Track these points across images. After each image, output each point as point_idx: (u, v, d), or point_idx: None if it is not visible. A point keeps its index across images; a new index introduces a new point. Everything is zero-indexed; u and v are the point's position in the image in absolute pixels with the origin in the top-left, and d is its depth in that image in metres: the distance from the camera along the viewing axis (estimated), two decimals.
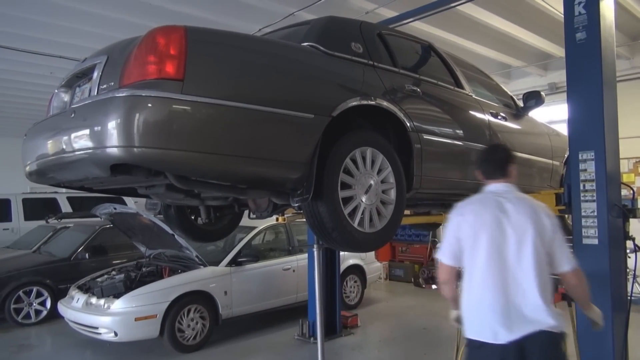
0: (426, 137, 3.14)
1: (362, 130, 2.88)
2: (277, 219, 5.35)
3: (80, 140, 2.26)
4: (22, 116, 10.88)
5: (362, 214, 2.76)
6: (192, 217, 3.96)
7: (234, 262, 6.21)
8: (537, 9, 6.10)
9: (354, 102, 2.72)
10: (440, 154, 3.29)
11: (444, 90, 3.54)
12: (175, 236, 5.70)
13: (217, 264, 6.11)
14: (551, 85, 8.51)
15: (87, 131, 2.21)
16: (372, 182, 2.82)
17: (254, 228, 6.70)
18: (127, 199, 10.46)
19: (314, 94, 2.60)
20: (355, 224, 2.71)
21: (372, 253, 8.00)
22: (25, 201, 10.55)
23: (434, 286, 3.26)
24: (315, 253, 3.70)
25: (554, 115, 7.61)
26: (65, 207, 10.82)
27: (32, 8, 5.56)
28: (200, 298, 5.77)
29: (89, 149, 2.20)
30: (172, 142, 2.12)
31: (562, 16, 6.24)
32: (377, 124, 3.02)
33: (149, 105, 2.08)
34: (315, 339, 5.93)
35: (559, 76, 8.38)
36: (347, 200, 2.69)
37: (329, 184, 2.59)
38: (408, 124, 3.00)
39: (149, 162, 2.16)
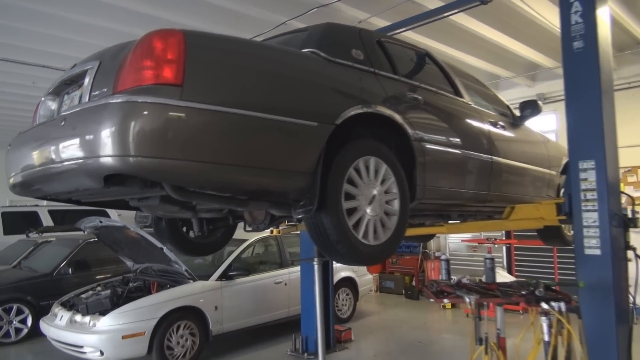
0: (429, 146, 3.06)
1: (365, 139, 2.78)
2: (271, 232, 5.26)
3: (71, 150, 2.12)
4: (1, 128, 10.60)
5: (367, 225, 2.66)
6: (184, 230, 3.83)
7: (224, 276, 6.04)
8: (528, 19, 6.13)
9: (357, 110, 2.62)
10: (442, 164, 3.21)
11: (444, 99, 3.47)
12: (164, 250, 5.54)
13: (206, 278, 5.94)
14: (539, 96, 8.57)
15: (78, 140, 2.07)
16: (375, 192, 2.72)
17: (244, 241, 6.55)
18: (110, 212, 10.25)
19: (317, 102, 2.51)
20: (360, 236, 2.61)
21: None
22: (5, 214, 10.26)
23: (445, 300, 3.14)
24: (316, 267, 3.58)
25: (542, 125, 7.65)
26: (47, 221, 10.55)
27: (14, 15, 5.39)
28: (190, 314, 5.59)
29: (81, 158, 2.06)
30: (170, 151, 1.99)
31: (552, 26, 6.35)
32: (378, 133, 2.93)
33: (146, 111, 1.96)
34: (310, 354, 5.81)
35: (547, 87, 8.46)
36: (350, 211, 2.59)
37: (333, 194, 2.49)
38: (411, 133, 2.92)
39: (145, 173, 2.03)
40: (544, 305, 2.84)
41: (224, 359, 5.85)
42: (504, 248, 8.51)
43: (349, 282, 7.56)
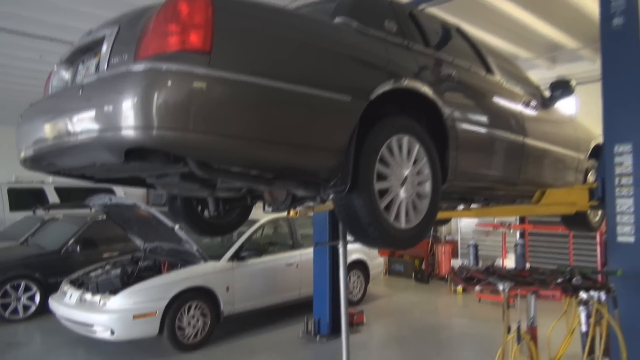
0: (462, 125, 2.90)
1: (399, 116, 2.62)
2: (287, 213, 5.13)
3: (89, 121, 1.96)
4: (7, 103, 10.42)
5: (399, 207, 2.51)
6: (199, 209, 3.70)
7: (235, 257, 5.94)
8: None
9: (392, 86, 2.46)
10: (475, 145, 3.06)
11: (477, 77, 3.30)
12: (175, 229, 5.42)
13: (217, 258, 5.83)
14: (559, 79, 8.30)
15: (97, 110, 1.91)
16: (407, 173, 2.57)
17: (255, 222, 6.42)
18: (117, 190, 10.14)
19: (350, 75, 2.34)
20: (391, 219, 2.47)
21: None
22: (11, 191, 10.19)
23: (477, 287, 2.99)
24: (341, 250, 3.45)
25: (560, 108, 7.42)
26: (53, 198, 10.49)
27: None
28: (201, 294, 5.49)
29: (100, 131, 1.91)
30: (196, 124, 1.83)
31: (579, 3, 6.09)
32: (409, 110, 2.76)
33: (171, 80, 1.80)
34: (322, 336, 5.73)
35: (568, 69, 8.21)
36: (382, 192, 2.45)
37: (365, 174, 2.34)
38: (445, 111, 2.76)
39: (169, 146, 1.88)
40: (583, 295, 2.70)
41: (236, 340, 5.77)
42: (517, 233, 8.37)
43: (360, 265, 7.46)
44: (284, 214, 6.85)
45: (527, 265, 6.58)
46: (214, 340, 5.60)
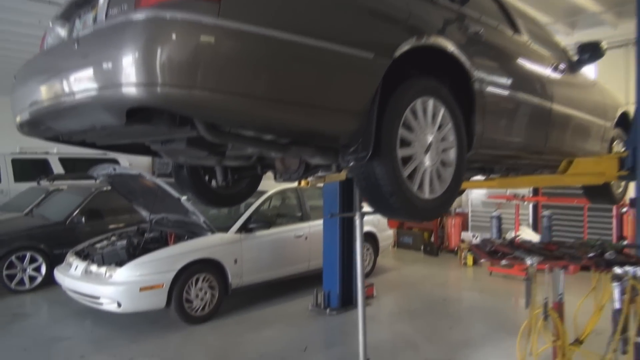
0: (489, 88, 2.69)
1: (424, 77, 2.40)
2: (299, 183, 4.96)
3: (87, 79, 1.76)
4: (7, 72, 10.19)
5: (423, 176, 2.33)
6: (207, 179, 3.53)
7: (243, 229, 5.80)
8: None
9: (417, 43, 2.24)
10: (503, 109, 2.86)
11: (505, 37, 3.06)
12: (182, 200, 5.28)
13: (225, 230, 5.70)
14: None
15: (95, 66, 1.72)
16: (432, 139, 2.38)
17: (263, 193, 6.27)
18: (122, 161, 10.00)
19: (373, 30, 2.12)
20: (415, 189, 2.29)
21: (385, 220, 7.63)
22: (15, 162, 10.06)
23: (503, 262, 2.83)
24: (358, 221, 3.30)
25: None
26: (57, 169, 10.35)
27: None
28: (209, 266, 5.38)
29: (99, 89, 1.72)
30: (204, 80, 1.63)
31: None
32: (433, 72, 2.54)
33: (177, 30, 1.59)
34: (332, 309, 5.65)
35: (588, 35, 7.84)
36: (405, 160, 2.26)
37: (387, 140, 2.15)
38: (472, 73, 2.54)
39: (175, 106, 1.68)
40: (617, 270, 2.54)
41: (244, 312, 5.69)
42: (530, 205, 8.19)
43: (370, 237, 7.32)
44: (294, 184, 6.71)
45: (537, 238, 6.41)
46: (222, 313, 5.52)
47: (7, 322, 5.44)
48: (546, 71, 3.31)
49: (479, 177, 3.72)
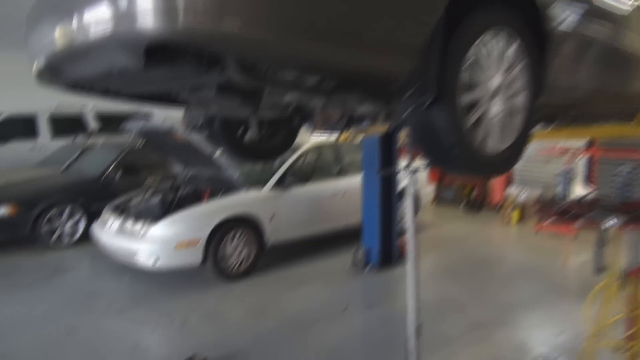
0: (564, 23, 2.28)
1: (492, 10, 2.03)
2: (338, 136, 4.69)
3: (99, 13, 1.49)
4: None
5: (489, 125, 2.00)
6: (240, 133, 3.30)
7: (279, 185, 5.60)
8: None
9: None
10: (580, 49, 2.45)
11: None
12: (215, 155, 5.09)
13: (260, 186, 5.51)
14: None
15: None
16: (501, 82, 2.03)
17: (298, 148, 6.01)
18: (157, 114, 9.88)
19: None
20: (480, 139, 1.97)
21: (424, 174, 7.29)
22: (53, 118, 10.10)
23: (577, 223, 2.50)
24: (409, 176, 3.01)
25: None
26: (93, 125, 10.38)
27: None
28: (245, 223, 5.24)
29: (112, 24, 1.45)
30: (236, 9, 1.34)
31: None
32: (499, 5, 2.16)
33: None
34: (372, 267, 5.46)
35: None
36: (469, 107, 1.93)
37: (450, 82, 1.82)
38: (548, 7, 2.15)
39: (200, 41, 1.39)
40: None
41: (281, 270, 5.57)
42: (582, 160, 7.64)
43: None
44: (331, 138, 6.42)
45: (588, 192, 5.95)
46: (259, 271, 5.42)
47: (49, 276, 5.50)
48: (627, 5, 2.85)
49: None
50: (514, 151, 2.16)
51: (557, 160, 7.77)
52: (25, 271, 5.69)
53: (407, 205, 2.78)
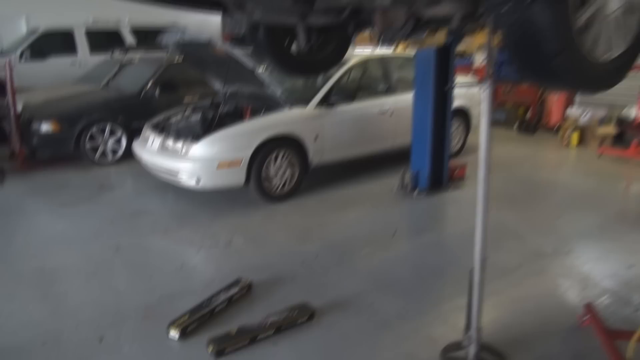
0: None
1: None
2: (395, 48, 4.26)
3: None
4: None
5: (600, 29, 1.61)
6: (287, 43, 2.98)
7: (324, 103, 5.28)
8: None
9: None
10: None
11: None
12: (257, 70, 4.77)
13: (304, 104, 5.20)
14: None
15: None
16: None
17: (344, 63, 5.58)
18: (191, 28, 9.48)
19: None
20: (588, 46, 1.59)
21: (478, 94, 6.76)
22: (89, 33, 9.90)
23: None
24: (484, 92, 2.66)
25: None
26: (129, 40, 10.13)
27: None
28: (288, 143, 5.01)
29: None
30: None
31: None
32: None
33: None
34: (421, 191, 5.22)
35: None
36: (578, 5, 1.54)
37: None
38: None
39: None
40: None
41: (325, 192, 5.39)
42: None
43: (460, 113, 6.55)
44: (378, 52, 5.94)
45: None
46: (303, 192, 5.26)
47: (94, 194, 5.52)
48: None
49: None
50: (626, 61, 1.77)
51: (635, 75, 7.04)
52: (73, 188, 5.73)
53: (482, 123, 2.44)
